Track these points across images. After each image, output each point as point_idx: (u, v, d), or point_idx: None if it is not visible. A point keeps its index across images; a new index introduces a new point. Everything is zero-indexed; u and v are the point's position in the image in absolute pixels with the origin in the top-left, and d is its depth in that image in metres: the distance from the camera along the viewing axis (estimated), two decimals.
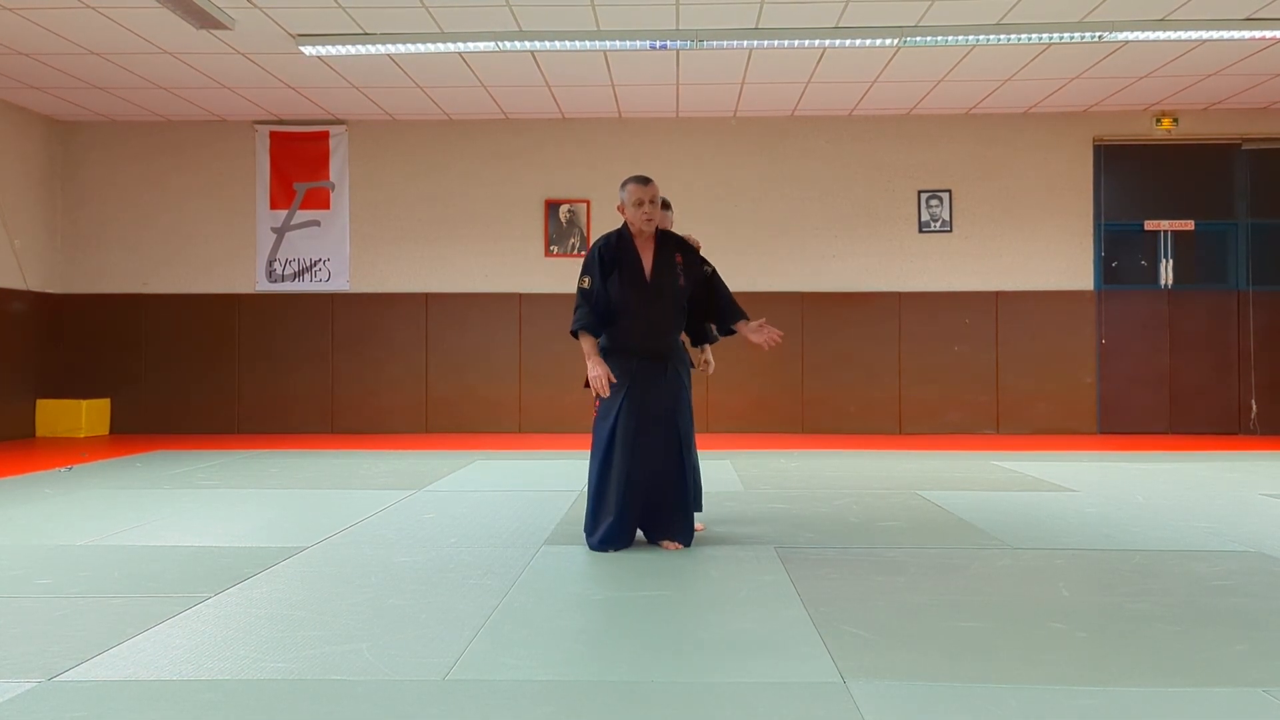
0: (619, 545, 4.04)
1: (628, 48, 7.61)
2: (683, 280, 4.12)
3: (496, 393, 9.91)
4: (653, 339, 4.07)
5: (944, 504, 5.24)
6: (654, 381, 4.05)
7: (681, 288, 4.12)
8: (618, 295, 4.07)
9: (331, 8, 6.89)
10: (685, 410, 4.13)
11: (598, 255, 4.09)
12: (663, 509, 4.08)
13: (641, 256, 4.10)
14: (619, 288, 4.07)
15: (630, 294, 4.06)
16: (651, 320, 4.07)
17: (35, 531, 4.49)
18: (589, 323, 4.06)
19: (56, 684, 2.43)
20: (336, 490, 5.81)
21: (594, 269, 4.07)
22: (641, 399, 4.02)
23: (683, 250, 4.18)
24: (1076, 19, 7.18)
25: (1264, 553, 3.99)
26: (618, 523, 4.00)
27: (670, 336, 4.14)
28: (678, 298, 4.13)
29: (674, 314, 4.14)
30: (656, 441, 4.03)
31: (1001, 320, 9.81)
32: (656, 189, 4.11)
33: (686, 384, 4.19)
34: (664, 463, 4.04)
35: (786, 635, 2.85)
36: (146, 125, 10.07)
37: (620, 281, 4.07)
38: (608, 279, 4.07)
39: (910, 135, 9.90)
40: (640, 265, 4.09)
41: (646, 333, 4.06)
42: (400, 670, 2.53)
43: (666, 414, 4.05)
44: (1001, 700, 2.30)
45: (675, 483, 4.06)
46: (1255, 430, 9.63)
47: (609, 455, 4.02)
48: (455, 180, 10.03)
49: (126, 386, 10.03)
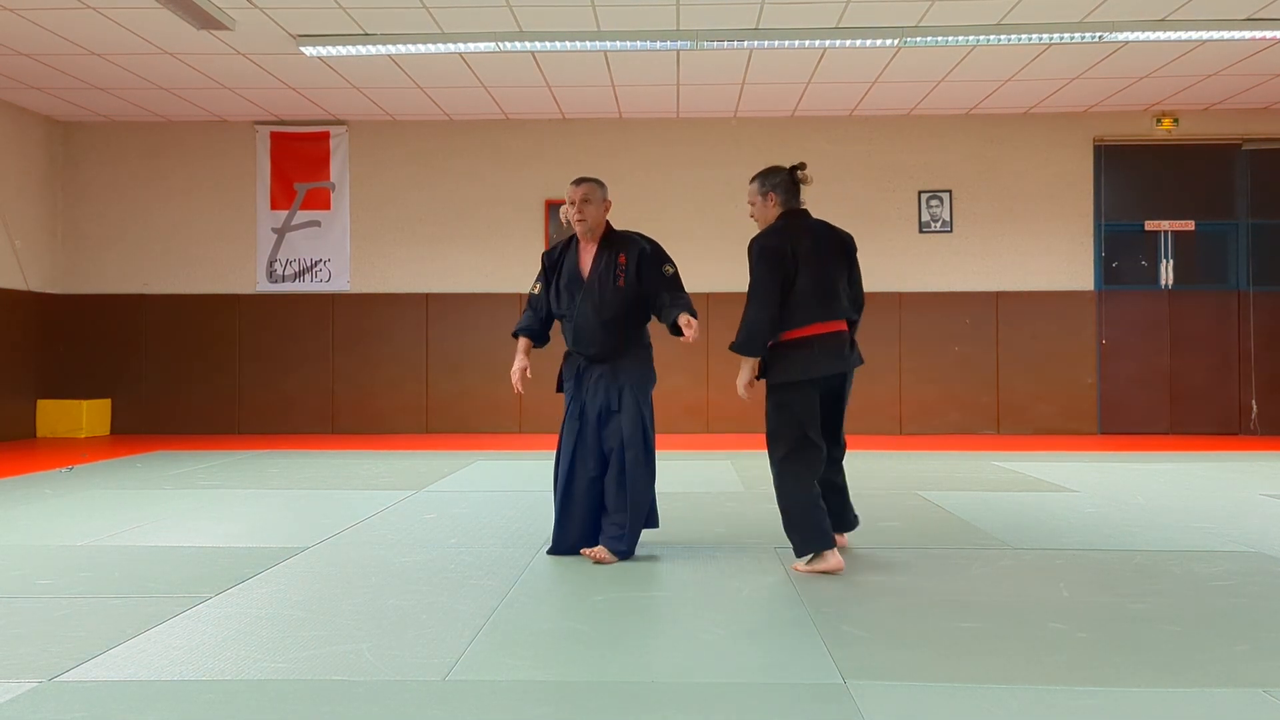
0: (560, 550, 3.96)
1: (628, 48, 7.61)
2: (622, 281, 3.90)
3: (496, 393, 9.90)
4: (586, 342, 3.93)
5: (944, 504, 5.24)
6: (595, 385, 3.93)
7: (620, 289, 3.89)
8: (556, 299, 4.04)
9: (332, 8, 6.89)
10: (634, 414, 3.87)
11: (544, 261, 4.12)
12: (602, 515, 3.95)
13: (581, 259, 4.01)
14: (557, 292, 4.04)
15: (568, 298, 3.97)
16: (582, 323, 3.91)
17: (35, 532, 4.49)
18: (525, 326, 4.09)
19: (57, 684, 2.43)
20: (336, 490, 5.81)
21: (542, 273, 4.10)
22: (582, 403, 3.96)
23: (629, 250, 3.95)
24: (1077, 19, 7.18)
25: (1264, 553, 3.99)
26: (558, 527, 3.97)
27: (606, 339, 3.90)
28: (613, 299, 3.89)
29: (608, 316, 3.88)
30: (597, 445, 3.91)
31: (1002, 320, 9.81)
32: (590, 189, 3.96)
33: (635, 386, 3.91)
34: (599, 468, 3.92)
35: (786, 635, 2.85)
36: (146, 125, 10.07)
37: (558, 284, 4.03)
38: (549, 284, 4.06)
39: (910, 135, 9.89)
40: (578, 268, 3.99)
41: (579, 335, 3.95)
42: (400, 670, 2.53)
43: (605, 417, 3.90)
44: (1001, 700, 2.30)
45: (614, 486, 3.88)
46: (1256, 430, 9.62)
47: (559, 462, 3.99)
48: (455, 180, 10.03)
49: (127, 387, 10.02)
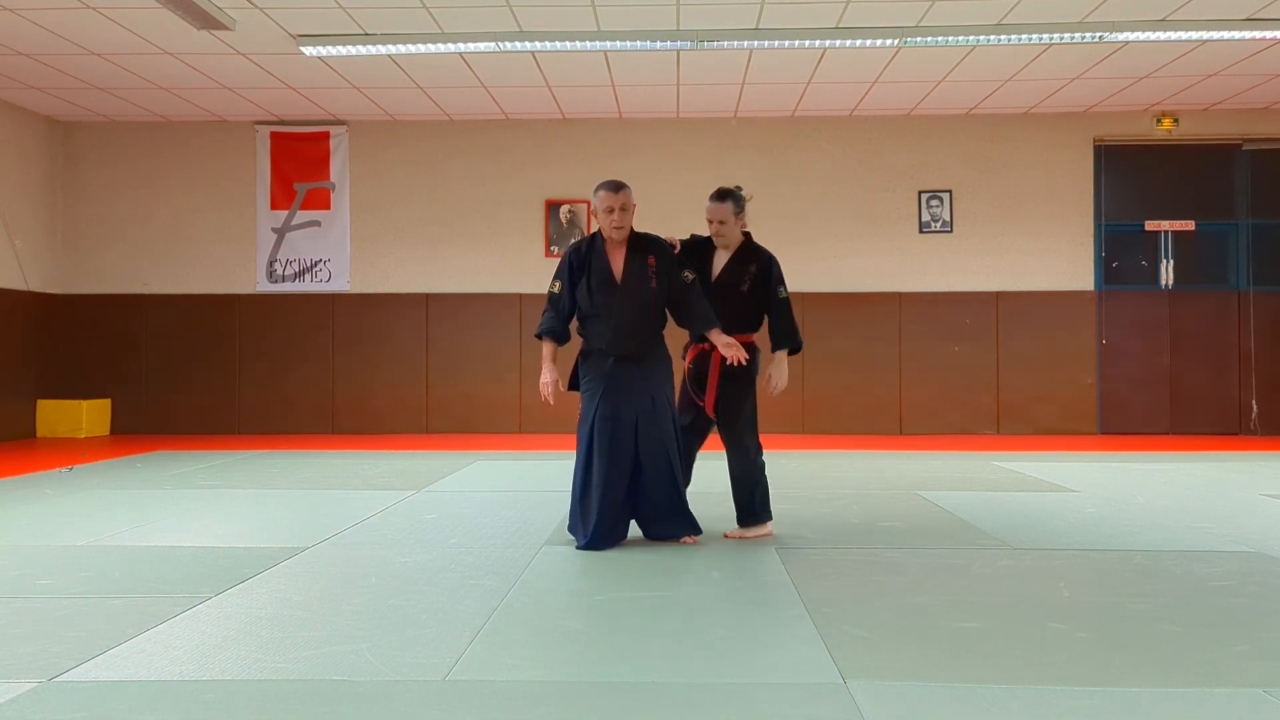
0: (603, 546, 4.06)
1: (628, 48, 7.61)
2: (654, 283, 4.09)
3: (496, 393, 9.91)
4: (625, 342, 4.08)
5: (944, 504, 5.24)
6: (629, 384, 4.07)
7: (654, 290, 4.09)
8: (588, 299, 4.10)
9: (332, 8, 6.89)
10: (665, 409, 4.10)
11: (568, 261, 4.14)
12: (659, 509, 4.12)
13: (611, 260, 4.11)
14: (589, 292, 4.09)
15: (600, 298, 4.08)
16: (622, 323, 4.06)
17: (36, 532, 4.49)
18: (550, 328, 4.13)
19: (57, 684, 2.43)
20: (337, 491, 5.81)
21: (563, 273, 4.13)
22: (616, 402, 4.05)
23: (657, 253, 4.13)
24: (1077, 19, 7.18)
25: (1265, 553, 3.99)
26: (599, 525, 4.04)
27: (644, 339, 4.12)
28: (649, 300, 4.10)
29: (646, 317, 4.11)
30: (632, 443, 4.04)
31: (1002, 320, 9.81)
32: (627, 196, 4.07)
33: (666, 383, 4.15)
34: (649, 463, 4.06)
35: (786, 635, 2.85)
36: (147, 125, 10.07)
37: (590, 286, 4.09)
38: (576, 285, 4.11)
39: (911, 135, 9.89)
40: (610, 269, 4.09)
41: (618, 336, 4.07)
42: (401, 670, 2.53)
43: (644, 415, 4.05)
44: (1002, 700, 2.30)
45: (665, 482, 4.08)
46: (1256, 431, 9.62)
47: (587, 459, 4.08)
48: (455, 180, 10.03)
49: (127, 387, 10.02)
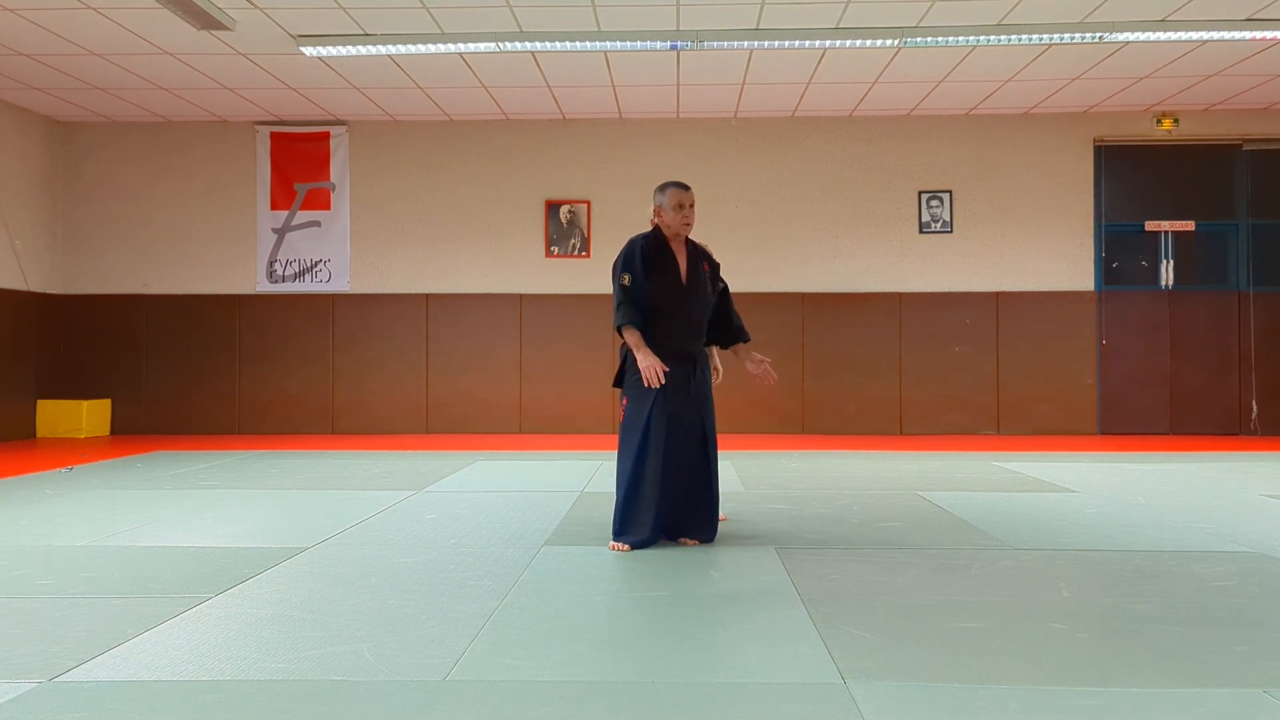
0: (652, 543, 4.14)
1: (628, 48, 7.61)
2: (710, 287, 4.30)
3: (496, 393, 9.91)
4: (685, 340, 4.21)
5: (944, 505, 5.24)
6: (683, 384, 4.16)
7: (709, 294, 4.29)
8: (654, 295, 4.15)
9: (332, 8, 6.89)
10: (710, 412, 4.28)
11: (639, 253, 4.15)
12: (690, 508, 4.20)
13: (678, 259, 4.23)
14: (656, 288, 4.15)
15: (667, 295, 4.16)
16: (686, 322, 4.21)
17: (36, 532, 4.49)
18: (633, 319, 4.12)
19: (57, 684, 2.43)
20: (337, 491, 5.81)
21: (635, 266, 4.14)
22: (673, 401, 4.11)
23: (709, 260, 4.35)
24: (1077, 20, 7.18)
25: (1265, 553, 3.99)
26: (655, 524, 4.10)
27: (700, 339, 4.31)
28: (708, 302, 4.29)
29: (705, 318, 4.31)
30: (686, 443, 4.14)
31: (1002, 321, 9.81)
32: (694, 195, 4.28)
33: (710, 390, 4.36)
34: (693, 463, 4.17)
35: (786, 635, 2.85)
36: (147, 126, 10.08)
37: (658, 282, 4.15)
38: (647, 278, 4.15)
39: (911, 136, 9.90)
40: (677, 267, 4.20)
41: (680, 334, 4.20)
42: (401, 671, 2.53)
43: (696, 416, 4.18)
44: (1002, 700, 2.30)
45: (703, 483, 4.20)
46: (1256, 431, 9.63)
47: (642, 457, 4.08)
48: (455, 181, 10.03)
49: (127, 387, 10.03)
